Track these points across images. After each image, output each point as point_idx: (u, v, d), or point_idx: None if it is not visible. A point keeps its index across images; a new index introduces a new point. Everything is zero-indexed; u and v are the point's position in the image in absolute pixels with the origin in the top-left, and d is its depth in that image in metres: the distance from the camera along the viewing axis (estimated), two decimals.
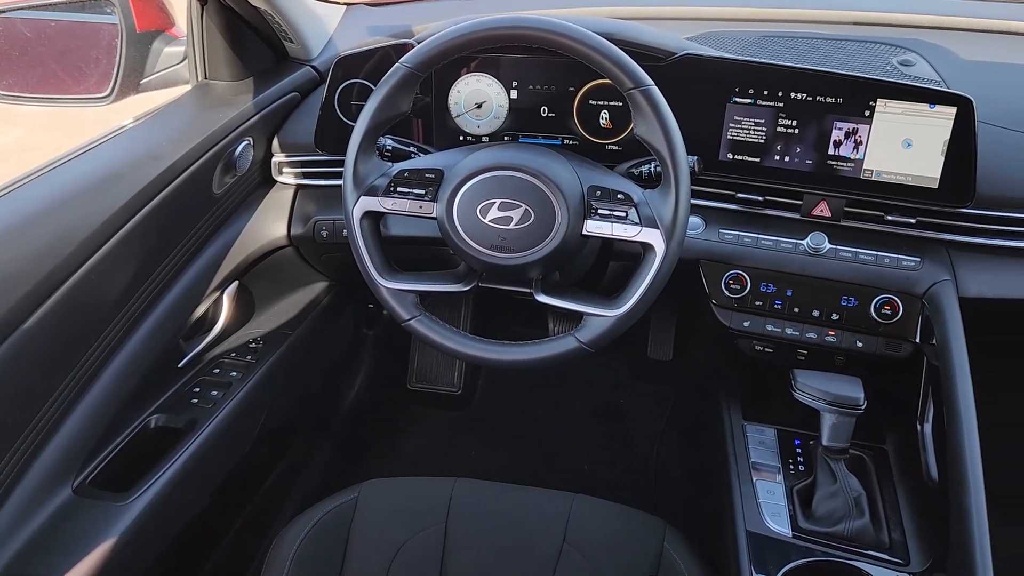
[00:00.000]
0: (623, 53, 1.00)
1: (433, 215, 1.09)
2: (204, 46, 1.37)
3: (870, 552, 1.13)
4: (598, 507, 1.26)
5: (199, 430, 1.28)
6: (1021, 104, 1.30)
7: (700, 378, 1.84)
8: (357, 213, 1.10)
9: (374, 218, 1.11)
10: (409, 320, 1.12)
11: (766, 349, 1.35)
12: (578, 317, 1.09)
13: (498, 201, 1.05)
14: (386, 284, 1.11)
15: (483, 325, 2.22)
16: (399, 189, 1.09)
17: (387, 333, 2.06)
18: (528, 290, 1.12)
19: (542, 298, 1.10)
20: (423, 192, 1.09)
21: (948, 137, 1.15)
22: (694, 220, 1.30)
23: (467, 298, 2.16)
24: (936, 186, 1.17)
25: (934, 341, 1.17)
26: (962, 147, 1.14)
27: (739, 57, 1.25)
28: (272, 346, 1.49)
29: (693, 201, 1.30)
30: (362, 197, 1.09)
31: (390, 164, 1.12)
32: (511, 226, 1.05)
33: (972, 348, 1.14)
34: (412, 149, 1.24)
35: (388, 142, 1.21)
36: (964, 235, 1.22)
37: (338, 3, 1.62)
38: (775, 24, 1.56)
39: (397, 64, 1.06)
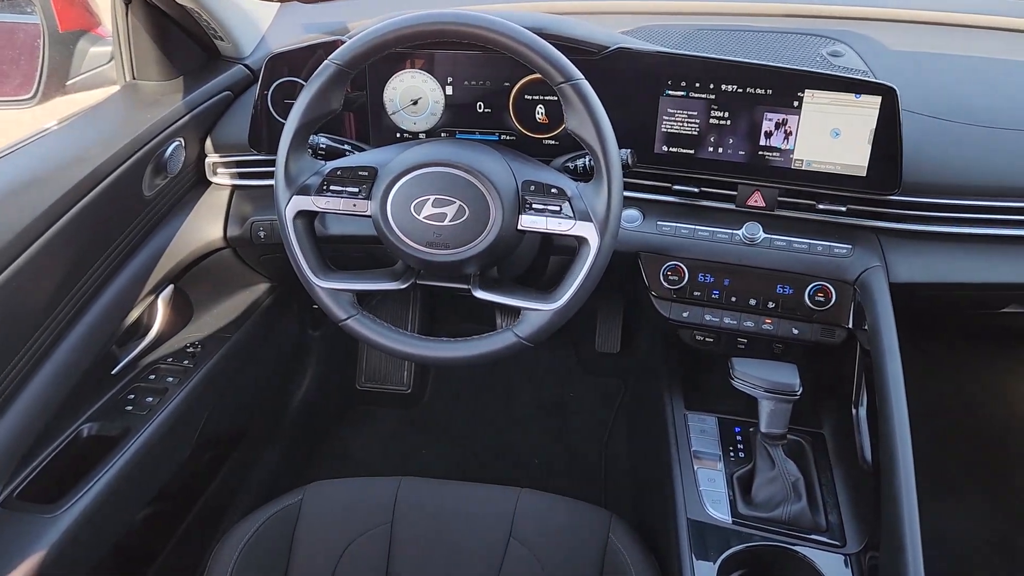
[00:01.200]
0: (552, 48, 1.00)
1: (367, 213, 1.08)
2: (130, 46, 1.33)
3: (808, 535, 1.15)
4: (544, 501, 1.26)
5: (133, 438, 1.25)
6: (945, 92, 1.33)
7: (646, 369, 1.85)
8: (290, 213, 1.08)
9: (308, 217, 1.10)
10: (346, 320, 1.11)
11: (706, 339, 1.36)
12: (519, 312, 1.09)
13: (432, 198, 1.05)
14: (321, 284, 1.10)
15: (430, 322, 2.22)
16: (332, 187, 1.08)
17: (334, 333, 2.04)
18: (466, 286, 1.12)
19: (480, 294, 1.10)
20: (357, 190, 1.08)
21: (874, 126, 1.17)
22: (632, 213, 1.31)
23: (413, 296, 2.16)
24: (864, 174, 1.19)
25: (866, 326, 1.19)
26: (888, 136, 1.16)
27: (671, 50, 1.26)
28: (211, 350, 1.47)
29: (630, 194, 1.31)
30: (295, 196, 1.08)
31: (323, 162, 1.11)
32: (446, 222, 1.05)
33: (903, 332, 1.17)
34: (347, 147, 1.23)
35: (322, 140, 1.20)
36: (893, 222, 1.25)
37: (272, 0, 1.60)
38: (709, 17, 1.58)
39: (326, 61, 1.04)
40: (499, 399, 2.16)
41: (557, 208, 1.05)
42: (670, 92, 1.23)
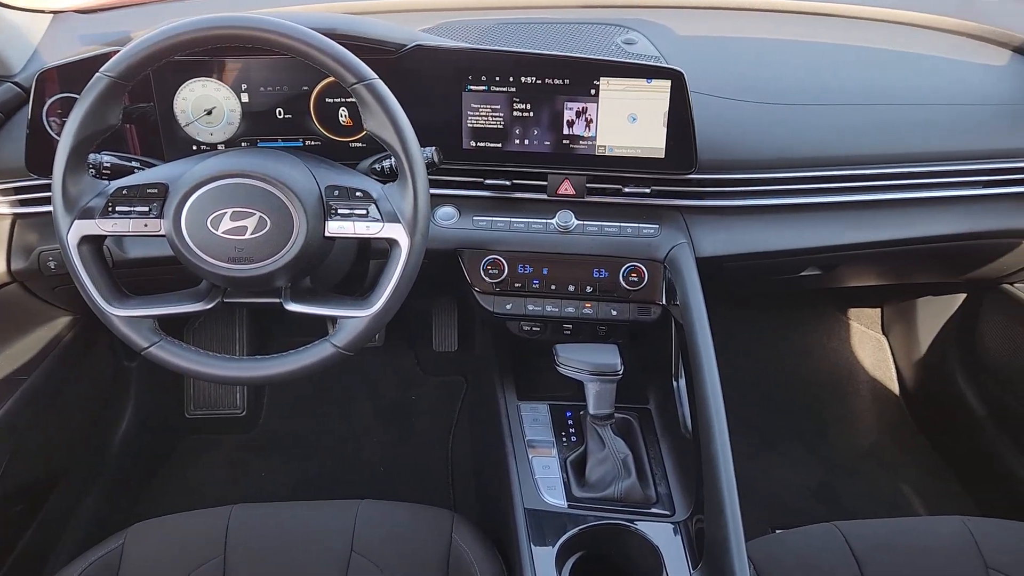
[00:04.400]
0: (341, 48, 0.98)
1: (161, 232, 1.02)
2: None
3: (639, 509, 1.18)
4: (384, 510, 1.24)
5: None
6: (733, 73, 1.41)
7: (483, 365, 1.86)
8: (73, 239, 1.00)
9: (94, 242, 1.02)
10: (148, 348, 1.04)
11: (533, 328, 1.38)
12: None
13: (229, 211, 1.00)
14: (117, 312, 1.03)
15: (262, 339, 2.13)
16: (119, 208, 1.01)
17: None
18: (277, 300, 1.08)
19: (291, 307, 1.07)
20: (147, 209, 1.02)
21: (667, 109, 1.22)
22: (447, 210, 1.31)
23: (239, 314, 2.07)
24: (663, 156, 1.24)
25: (677, 301, 1.24)
26: (680, 117, 1.22)
27: (469, 45, 1.26)
28: (3, 395, 1.34)
29: (444, 191, 1.31)
30: (76, 221, 1.00)
31: (107, 182, 1.04)
32: (247, 236, 1.01)
33: (721, 304, 1.23)
34: (135, 163, 1.15)
35: (106, 158, 1.11)
36: (694, 199, 1.31)
37: (44, 12, 1.47)
38: (510, 11, 1.60)
39: (97, 74, 0.97)
40: (340, 410, 2.11)
41: (364, 211, 1.03)
42: (472, 87, 1.23)
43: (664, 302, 1.29)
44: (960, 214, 1.40)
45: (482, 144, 1.26)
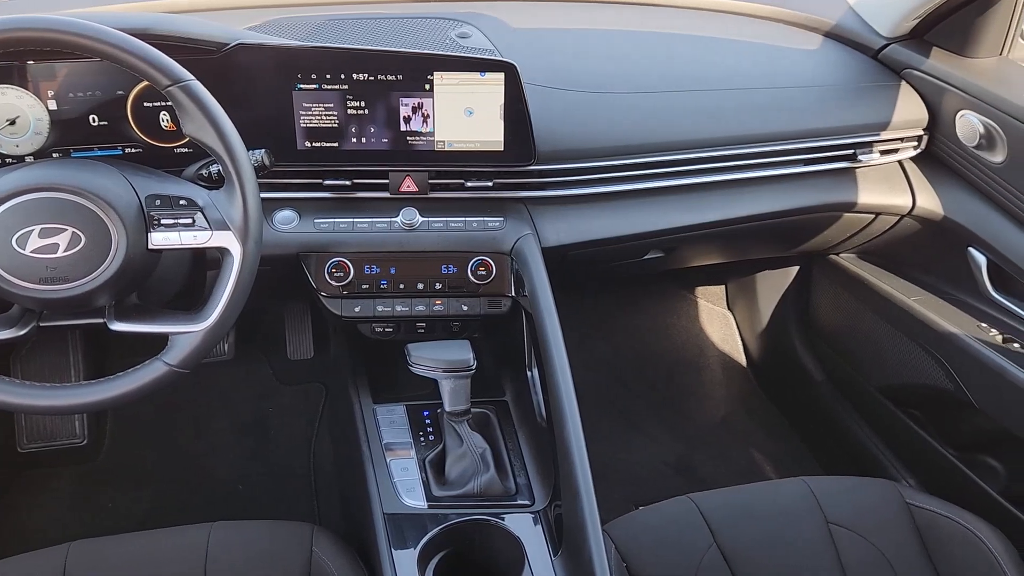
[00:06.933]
0: (151, 48, 0.93)
1: None
2: None
3: (500, 502, 1.18)
4: (239, 530, 1.18)
5: None
6: (564, 64, 1.43)
7: (339, 370, 1.82)
8: None
9: None
10: None
11: (386, 329, 1.36)
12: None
13: (37, 228, 0.93)
14: None
15: (101, 364, 1.99)
16: None
17: None
18: (100, 320, 1.01)
19: (117, 326, 1.00)
20: None
21: (503, 102, 1.22)
22: (287, 214, 1.27)
23: (72, 337, 1.93)
24: (502, 149, 1.25)
25: (526, 292, 1.25)
26: (516, 110, 1.22)
27: (296, 43, 1.22)
28: None
29: (282, 194, 1.27)
30: None
31: None
32: (60, 253, 0.93)
33: (571, 292, 1.24)
34: None
35: None
36: (536, 190, 1.32)
37: None
38: (340, 7, 1.56)
39: None
40: (192, 429, 2.00)
41: (189, 220, 0.98)
42: (302, 86, 1.20)
43: (513, 294, 1.29)
44: (784, 192, 1.48)
45: (318, 144, 1.23)
